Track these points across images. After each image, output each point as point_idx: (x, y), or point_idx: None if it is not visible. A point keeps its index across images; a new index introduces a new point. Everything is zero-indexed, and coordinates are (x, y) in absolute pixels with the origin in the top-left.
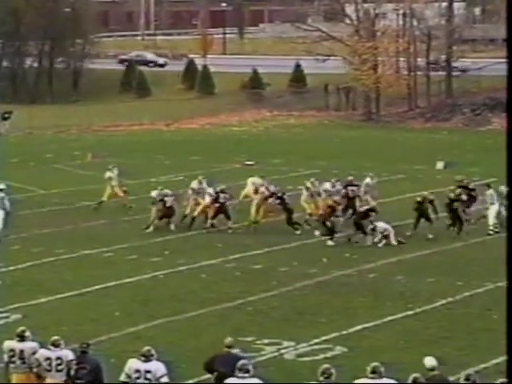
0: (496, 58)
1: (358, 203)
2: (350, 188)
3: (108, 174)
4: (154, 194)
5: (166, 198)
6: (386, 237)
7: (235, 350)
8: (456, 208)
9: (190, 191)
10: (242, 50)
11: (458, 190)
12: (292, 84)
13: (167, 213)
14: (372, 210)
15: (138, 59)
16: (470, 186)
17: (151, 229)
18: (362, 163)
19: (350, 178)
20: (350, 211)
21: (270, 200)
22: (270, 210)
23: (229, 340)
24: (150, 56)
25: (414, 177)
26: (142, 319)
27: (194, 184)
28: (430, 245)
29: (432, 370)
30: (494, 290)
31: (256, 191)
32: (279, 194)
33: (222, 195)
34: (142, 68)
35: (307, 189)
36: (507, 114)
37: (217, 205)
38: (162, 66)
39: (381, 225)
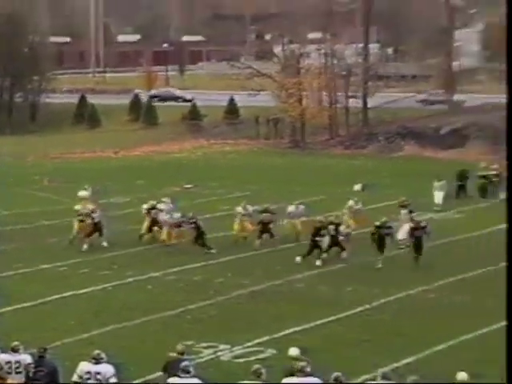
0: (406, 92)
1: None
2: (265, 214)
3: (81, 193)
4: (78, 207)
5: (93, 215)
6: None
7: (186, 357)
8: (419, 236)
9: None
10: (182, 85)
11: (422, 220)
12: (226, 116)
13: (95, 228)
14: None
15: (167, 95)
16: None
17: (86, 247)
18: (289, 186)
19: (266, 205)
20: (266, 236)
21: (185, 226)
22: (181, 234)
23: (180, 347)
24: (177, 92)
25: (335, 198)
26: (95, 326)
27: (162, 205)
28: (350, 258)
29: (296, 359)
30: (404, 298)
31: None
32: (193, 220)
33: (153, 211)
34: (170, 103)
35: (239, 213)
36: (507, 115)
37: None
38: (189, 100)
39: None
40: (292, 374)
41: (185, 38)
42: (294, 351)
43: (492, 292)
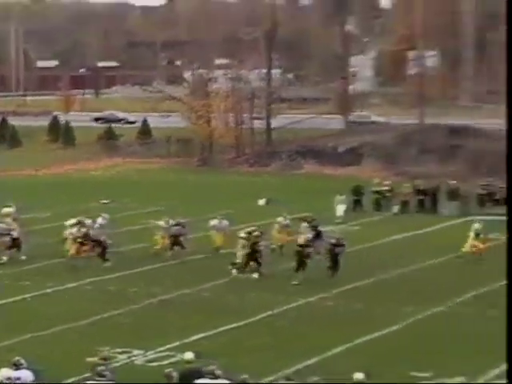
0: (307, 113)
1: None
2: (175, 228)
3: (5, 210)
4: None
5: (12, 232)
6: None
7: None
8: (338, 253)
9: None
10: (98, 108)
11: (338, 236)
12: (140, 136)
13: (14, 244)
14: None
15: (111, 117)
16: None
17: (5, 258)
18: (199, 202)
19: (178, 219)
20: (177, 248)
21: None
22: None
23: (103, 353)
24: (121, 114)
25: (241, 212)
26: (16, 334)
27: (100, 219)
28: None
29: (189, 362)
30: (304, 306)
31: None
32: (97, 239)
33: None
34: (114, 125)
35: (160, 227)
36: (507, 116)
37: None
38: (132, 122)
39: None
40: (187, 376)
41: (100, 64)
42: (188, 355)
43: (383, 299)
